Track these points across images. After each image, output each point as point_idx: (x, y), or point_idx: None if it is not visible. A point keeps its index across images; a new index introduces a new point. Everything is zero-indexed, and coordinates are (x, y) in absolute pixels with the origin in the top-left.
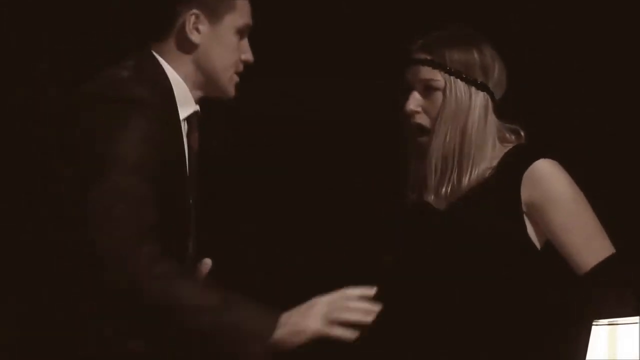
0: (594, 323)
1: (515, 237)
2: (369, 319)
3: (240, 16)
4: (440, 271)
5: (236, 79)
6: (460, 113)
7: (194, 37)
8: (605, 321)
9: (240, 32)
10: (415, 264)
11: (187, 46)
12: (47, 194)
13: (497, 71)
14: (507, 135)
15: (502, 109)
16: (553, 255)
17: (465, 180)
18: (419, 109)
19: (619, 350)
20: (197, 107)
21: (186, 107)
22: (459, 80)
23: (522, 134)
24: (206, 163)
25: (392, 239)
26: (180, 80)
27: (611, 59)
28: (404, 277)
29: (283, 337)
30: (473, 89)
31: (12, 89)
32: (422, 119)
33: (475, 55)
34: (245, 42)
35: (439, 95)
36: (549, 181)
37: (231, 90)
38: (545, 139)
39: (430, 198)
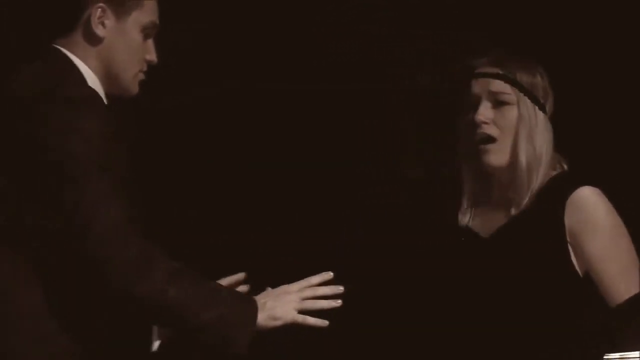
0: (605, 356)
1: (561, 266)
2: (337, 303)
3: (146, 14)
4: (485, 299)
5: (141, 77)
6: (531, 130)
7: (99, 30)
8: (617, 355)
9: (146, 31)
10: (461, 291)
11: (92, 40)
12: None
13: (551, 96)
14: (555, 162)
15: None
16: (593, 284)
17: (524, 195)
18: (489, 120)
19: None
20: (106, 101)
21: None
22: (526, 97)
23: (564, 162)
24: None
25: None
26: (91, 72)
27: None
28: (447, 303)
29: (261, 322)
30: (537, 108)
31: None
32: (491, 130)
33: (539, 77)
34: (150, 42)
35: (508, 108)
36: (590, 209)
37: (134, 89)
38: (587, 166)
39: (481, 213)
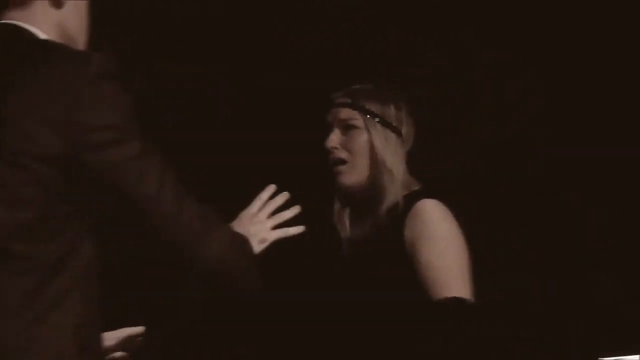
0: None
1: (410, 281)
2: (296, 210)
3: None
4: (348, 315)
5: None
6: (381, 151)
7: None
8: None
9: None
10: (327, 302)
11: (54, 5)
12: None
13: (408, 126)
14: (409, 183)
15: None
16: None
17: (381, 210)
18: (338, 146)
19: None
20: None
21: None
22: (375, 121)
23: (417, 185)
24: None
25: None
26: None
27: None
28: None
29: (256, 250)
30: (388, 130)
31: None
32: (342, 154)
33: (392, 107)
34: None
35: (357, 132)
36: (424, 218)
37: None
38: (444, 184)
39: (350, 229)
